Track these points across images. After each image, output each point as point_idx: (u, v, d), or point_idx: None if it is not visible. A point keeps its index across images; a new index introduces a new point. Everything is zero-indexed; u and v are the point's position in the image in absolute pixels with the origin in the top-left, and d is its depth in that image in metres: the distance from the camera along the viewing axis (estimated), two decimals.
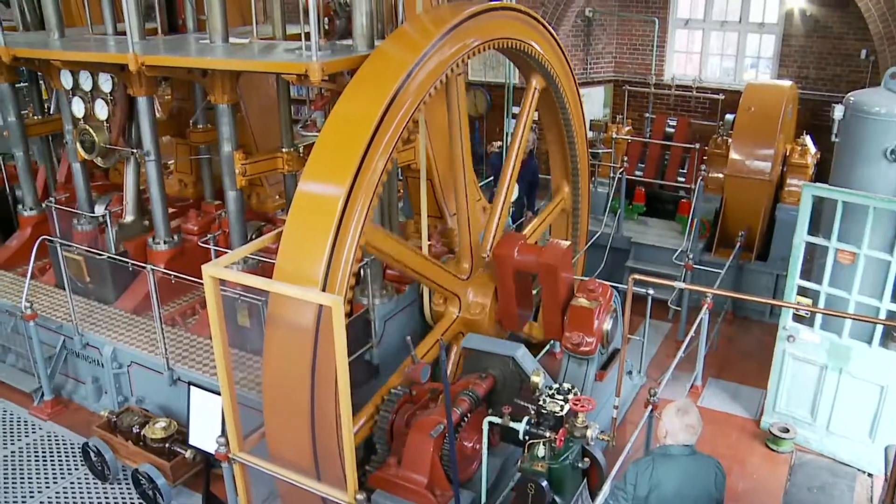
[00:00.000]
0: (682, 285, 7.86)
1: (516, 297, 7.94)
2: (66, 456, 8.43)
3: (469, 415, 6.53)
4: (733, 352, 10.69)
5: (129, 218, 9.81)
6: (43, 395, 9.17)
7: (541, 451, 5.96)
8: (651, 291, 8.64)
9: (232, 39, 8.18)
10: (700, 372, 9.48)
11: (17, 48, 9.03)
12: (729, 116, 13.40)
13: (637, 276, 6.98)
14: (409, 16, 7.62)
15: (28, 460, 8.37)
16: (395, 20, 7.71)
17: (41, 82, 11.77)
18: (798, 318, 8.21)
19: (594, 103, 16.80)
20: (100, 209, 10.07)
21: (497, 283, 8.00)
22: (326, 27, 7.97)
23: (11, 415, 9.14)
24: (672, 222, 13.26)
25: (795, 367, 8.30)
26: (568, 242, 8.15)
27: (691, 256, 10.70)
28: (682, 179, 13.77)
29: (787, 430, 8.31)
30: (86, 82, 8.97)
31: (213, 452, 6.54)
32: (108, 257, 9.24)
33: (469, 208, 7.77)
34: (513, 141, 8.56)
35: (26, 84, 11.70)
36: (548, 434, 5.95)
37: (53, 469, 8.24)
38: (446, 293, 7.89)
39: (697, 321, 9.06)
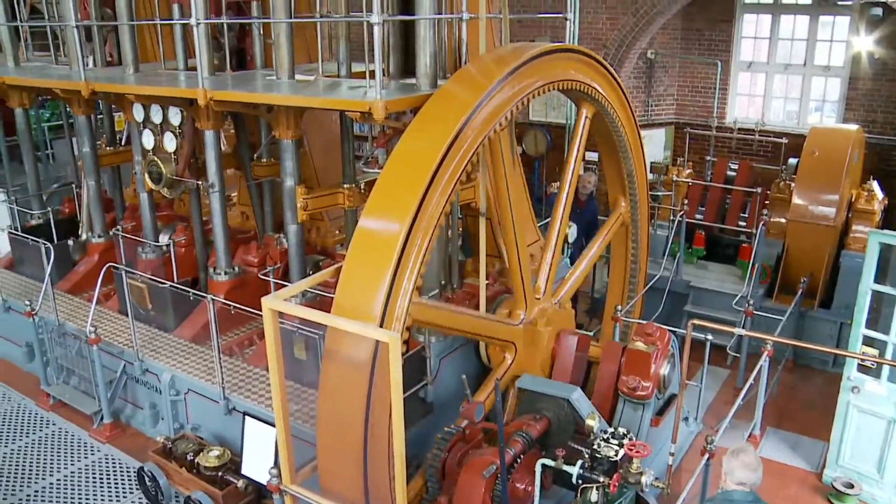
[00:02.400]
0: (741, 331, 7.70)
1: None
2: (122, 479, 8.57)
3: (522, 456, 6.46)
4: (794, 401, 10.40)
5: None
6: (102, 418, 9.36)
7: (594, 496, 5.86)
8: (710, 337, 8.49)
9: (298, 76, 8.37)
10: (759, 421, 9.24)
11: (95, 82, 9.39)
12: (792, 160, 13.18)
13: (696, 322, 6.87)
14: (471, 56, 7.69)
15: (85, 482, 8.53)
16: (458, 60, 7.80)
17: (114, 114, 12.20)
18: (863, 369, 7.98)
19: (655, 145, 16.69)
20: (164, 238, 10.33)
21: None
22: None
23: (73, 436, 9.34)
24: (732, 267, 13.02)
25: (860, 420, 8.03)
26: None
27: (751, 302, 10.49)
28: (744, 224, 13.53)
29: (851, 486, 8.01)
30: (156, 115, 9.28)
31: (265, 483, 6.59)
32: (171, 286, 9.44)
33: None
34: (564, 170, 8.52)
35: (101, 116, 12.13)
36: (601, 479, 5.86)
37: (109, 492, 8.38)
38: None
39: (757, 368, 8.85)
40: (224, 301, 8.76)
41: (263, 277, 8.69)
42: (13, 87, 10.99)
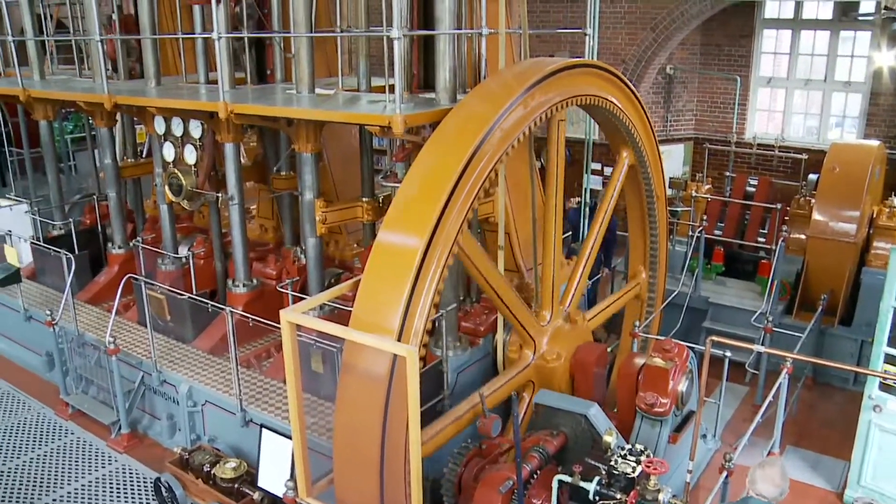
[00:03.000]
0: (760, 348, 7.64)
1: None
2: (139, 490, 8.59)
3: (539, 472, 6.44)
4: (814, 420, 10.29)
5: None
6: (120, 428, 9.41)
7: None
8: (728, 353, 8.42)
9: (318, 90, 8.43)
10: (778, 439, 9.11)
11: (117, 95, 9.49)
12: (812, 176, 13.09)
13: (715, 338, 6.82)
14: (491, 71, 7.73)
15: (103, 492, 8.55)
16: (477, 75, 7.83)
17: (136, 127, 12.33)
18: (885, 388, 7.89)
19: (674, 161, 16.66)
20: (183, 250, 10.41)
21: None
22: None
23: (90, 445, 9.39)
24: (751, 283, 12.94)
25: (882, 439, 7.94)
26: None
27: (771, 319, 10.41)
28: (763, 240, 13.46)
29: None
30: (177, 128, 9.37)
31: (280, 495, 6.60)
32: (189, 297, 9.49)
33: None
34: (598, 211, 8.55)
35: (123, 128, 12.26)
36: (619, 496, 5.82)
37: (126, 502, 8.40)
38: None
39: (776, 386, 8.74)
40: (242, 313, 8.80)
41: (282, 290, 8.73)
42: (38, 100, 11.14)
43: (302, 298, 7.98)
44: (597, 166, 15.04)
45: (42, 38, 11.96)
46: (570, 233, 11.60)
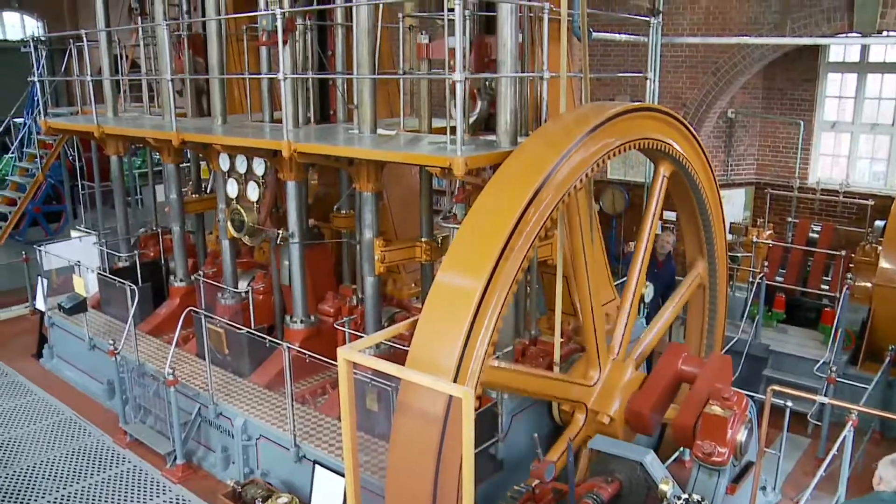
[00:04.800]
0: (824, 399, 7.43)
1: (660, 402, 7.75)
2: None
3: None
4: None
5: None
6: (175, 458, 9.51)
7: None
8: (790, 403, 8.20)
9: (379, 130, 8.56)
10: (843, 494, 8.79)
11: (185, 133, 9.78)
12: (879, 223, 12.82)
13: (776, 387, 6.66)
14: (552, 114, 7.76)
15: None
16: (538, 118, 7.87)
17: (201, 163, 12.67)
18: None
19: (734, 206, 16.42)
20: (243, 285, 10.58)
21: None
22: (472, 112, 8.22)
23: (146, 474, 9.50)
24: (814, 332, 12.62)
25: None
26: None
27: (834, 369, 10.12)
28: (826, 287, 13.17)
29: None
30: (241, 165, 9.59)
31: None
32: (248, 332, 9.62)
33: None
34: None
35: (188, 164, 12.61)
36: None
37: None
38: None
39: (840, 439, 8.46)
40: (299, 349, 8.89)
41: (339, 327, 8.80)
42: (111, 136, 11.55)
43: (359, 336, 8.05)
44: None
45: (117, 77, 12.42)
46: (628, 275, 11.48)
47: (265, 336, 9.43)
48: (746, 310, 12.20)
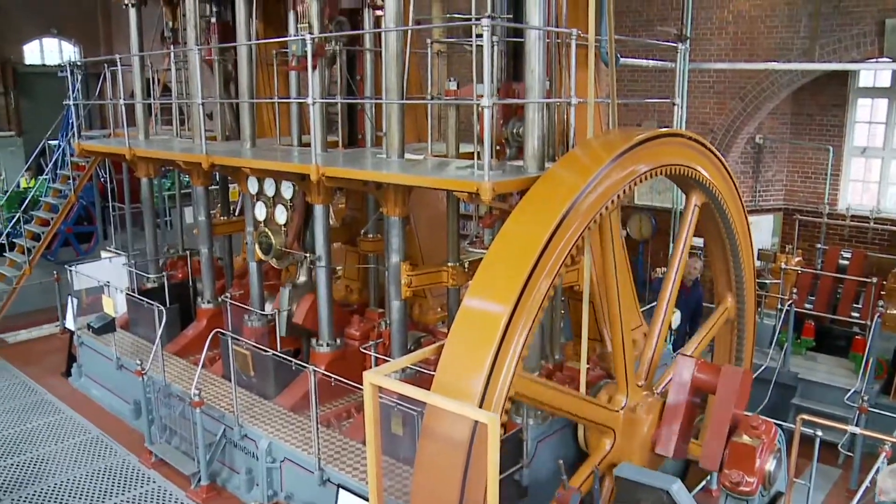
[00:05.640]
0: (855, 430, 7.31)
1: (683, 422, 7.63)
2: None
3: None
4: None
5: (301, 279, 10.27)
6: (200, 479, 9.54)
7: None
8: (820, 433, 8.07)
9: (407, 155, 8.61)
10: None
11: (214, 156, 9.90)
12: None
13: (805, 416, 6.56)
14: (579, 140, 7.77)
15: None
16: (565, 144, 7.88)
17: (230, 186, 12.82)
18: None
19: (762, 232, 16.28)
20: (269, 307, 10.63)
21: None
22: (497, 148, 8.24)
23: (171, 495, 9.55)
24: (844, 360, 12.45)
25: None
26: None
27: (866, 398, 9.96)
28: (857, 315, 12.99)
29: None
30: (269, 188, 9.69)
31: None
32: (274, 354, 9.66)
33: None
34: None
35: (217, 187, 12.75)
36: None
37: None
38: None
39: (873, 470, 8.32)
40: (325, 372, 8.91)
41: (365, 351, 8.81)
42: (142, 159, 11.71)
43: (384, 360, 8.05)
44: None
45: (149, 100, 12.62)
46: (656, 303, 11.40)
47: (291, 359, 9.46)
48: (775, 337, 12.07)
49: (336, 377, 8.53)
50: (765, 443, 7.18)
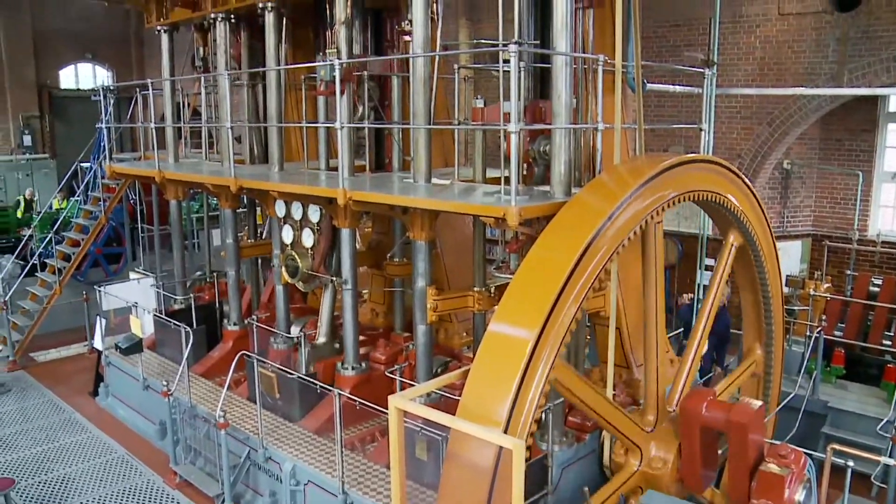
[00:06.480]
0: (889, 461, 7.15)
1: (701, 456, 7.52)
2: None
3: None
4: None
5: (321, 340, 10.31)
6: (224, 501, 9.55)
7: None
8: (851, 463, 7.92)
9: (434, 180, 8.65)
10: None
11: (242, 179, 10.00)
12: None
13: (836, 446, 6.44)
14: (606, 166, 7.77)
15: None
16: (592, 169, 7.89)
17: (257, 209, 12.93)
18: None
19: (791, 258, 16.10)
20: (295, 330, 10.68)
21: (682, 438, 7.64)
22: (524, 172, 8.27)
23: None
24: (876, 389, 12.22)
25: None
26: (759, 402, 7.71)
27: None
28: (889, 343, 12.75)
29: None
30: (297, 212, 9.77)
31: None
32: (299, 377, 9.69)
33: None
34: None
35: (244, 209, 12.87)
36: None
37: None
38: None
39: None
40: (349, 395, 8.91)
41: (390, 375, 8.81)
42: (171, 181, 11.86)
43: (410, 384, 8.04)
44: (711, 262, 14.74)
45: (179, 124, 12.81)
46: (682, 329, 11.33)
47: (316, 382, 9.48)
48: (804, 365, 11.89)
49: (361, 401, 8.53)
50: (794, 472, 7.08)
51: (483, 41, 9.67)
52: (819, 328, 11.74)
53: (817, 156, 16.73)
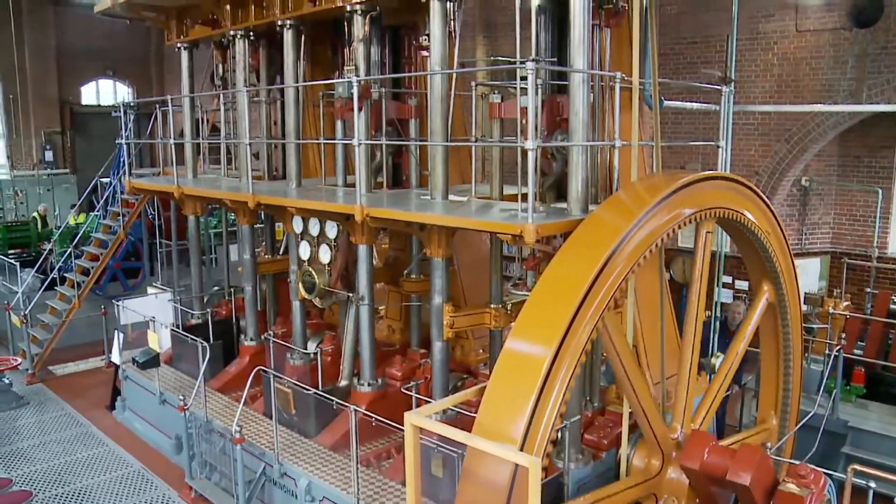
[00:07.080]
0: None
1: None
2: None
3: None
4: None
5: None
6: None
7: None
8: (873, 484, 7.82)
9: (451, 196, 8.66)
10: None
11: (260, 195, 10.06)
12: None
13: (857, 467, 6.36)
14: (623, 183, 7.76)
15: None
16: (609, 187, 7.88)
17: (275, 225, 12.99)
18: None
19: (809, 276, 15.99)
20: (312, 346, 10.70)
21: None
22: (544, 171, 8.25)
23: None
24: None
25: None
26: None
27: None
28: None
29: None
30: (314, 228, 9.80)
31: None
32: (315, 393, 9.69)
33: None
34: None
35: (262, 225, 12.94)
36: None
37: None
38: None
39: None
40: (366, 412, 8.90)
41: (406, 392, 8.80)
42: (189, 197, 11.94)
43: (426, 401, 8.03)
44: (728, 279, 14.63)
45: (197, 140, 12.91)
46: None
47: (332, 398, 9.47)
48: (823, 383, 11.77)
49: (377, 417, 8.52)
50: (814, 493, 7.00)
51: (500, 58, 9.67)
52: (838, 346, 11.62)
53: (836, 173, 16.63)
